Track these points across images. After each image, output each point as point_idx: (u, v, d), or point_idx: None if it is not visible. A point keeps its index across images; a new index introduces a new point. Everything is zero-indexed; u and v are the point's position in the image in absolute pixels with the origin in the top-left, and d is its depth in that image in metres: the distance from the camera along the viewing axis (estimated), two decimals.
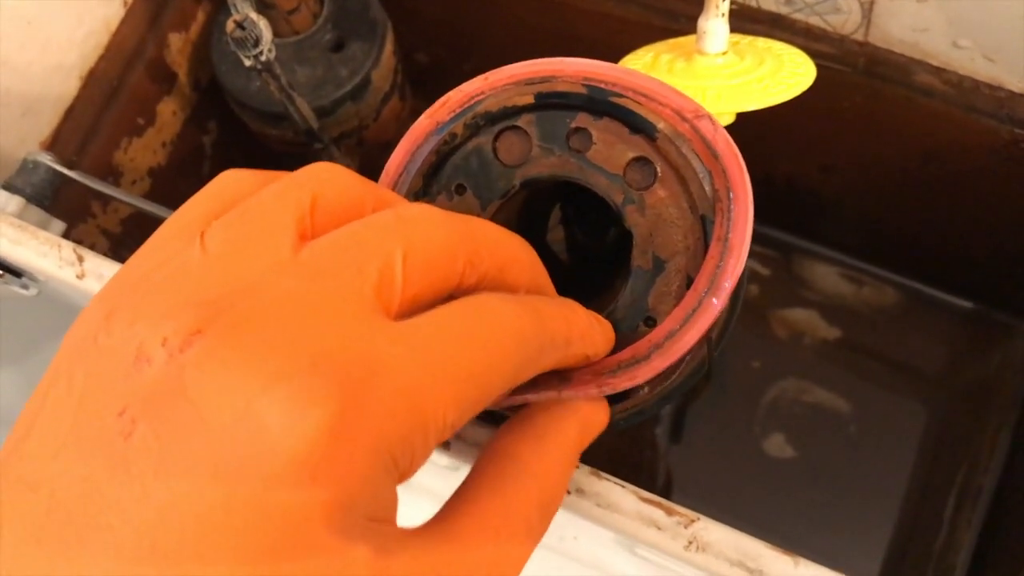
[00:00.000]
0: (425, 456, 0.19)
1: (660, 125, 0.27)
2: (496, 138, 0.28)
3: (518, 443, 0.24)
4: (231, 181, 0.22)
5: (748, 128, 0.38)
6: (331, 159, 0.56)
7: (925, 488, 0.64)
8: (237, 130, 0.61)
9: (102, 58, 0.52)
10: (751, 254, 0.69)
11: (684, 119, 0.27)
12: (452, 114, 0.28)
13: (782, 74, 0.39)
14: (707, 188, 0.26)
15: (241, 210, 0.21)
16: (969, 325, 0.68)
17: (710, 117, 0.27)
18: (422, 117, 0.29)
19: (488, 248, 0.22)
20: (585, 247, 0.40)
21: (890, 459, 0.65)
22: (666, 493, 0.67)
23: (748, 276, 0.70)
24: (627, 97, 0.27)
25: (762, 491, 0.66)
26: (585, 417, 0.25)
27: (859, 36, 0.47)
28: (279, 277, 0.19)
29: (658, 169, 0.27)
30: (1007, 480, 0.62)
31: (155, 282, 0.19)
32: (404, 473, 0.19)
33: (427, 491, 0.34)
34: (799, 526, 0.65)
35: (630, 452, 0.69)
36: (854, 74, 0.49)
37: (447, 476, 0.34)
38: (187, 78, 0.60)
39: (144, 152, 0.57)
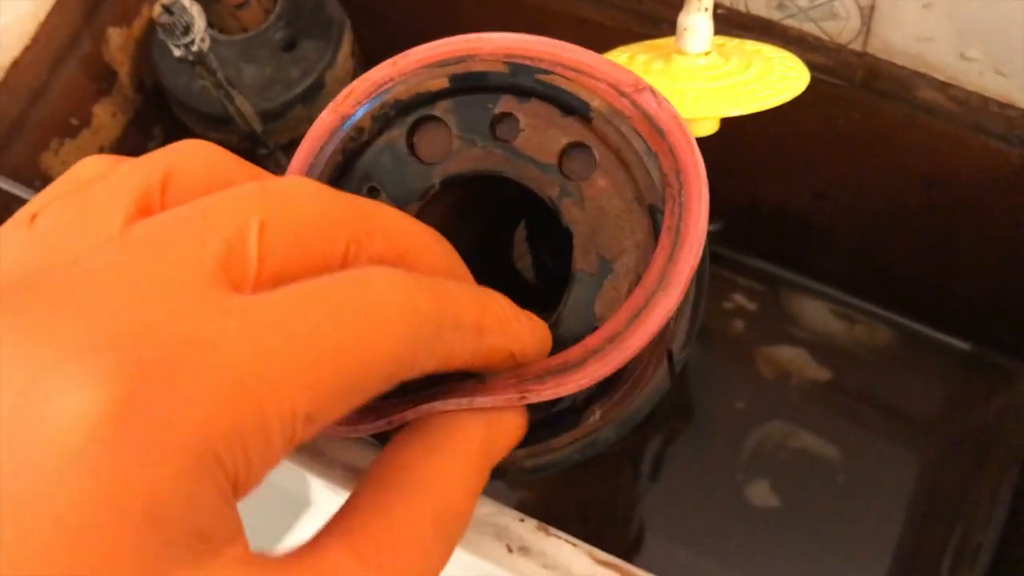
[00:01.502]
0: (268, 457, 0.16)
1: (595, 103, 0.23)
2: (411, 131, 0.25)
3: (409, 452, 0.21)
4: (89, 165, 0.20)
5: (734, 149, 0.35)
6: (277, 166, 0.51)
7: (919, 544, 0.61)
8: (183, 134, 0.56)
9: (28, 49, 0.48)
10: (736, 287, 0.67)
11: (622, 94, 0.24)
12: (358, 106, 0.25)
13: (771, 78, 0.36)
14: (654, 174, 0.23)
15: (82, 190, 0.18)
16: (967, 368, 0.64)
17: (652, 90, 0.23)
18: (324, 112, 0.26)
19: (383, 230, 0.19)
20: (553, 269, 0.37)
21: (881, 512, 0.62)
22: (641, 540, 0.63)
23: (733, 310, 0.67)
24: (555, 74, 0.24)
25: (744, 541, 0.62)
26: (492, 420, 0.22)
27: (857, 45, 0.43)
28: (99, 251, 0.17)
29: (597, 155, 0.24)
30: (1009, 538, 0.58)
31: None
32: (240, 479, 0.16)
33: None
34: None
35: (603, 496, 0.65)
36: (851, 88, 0.46)
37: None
38: (129, 78, 0.55)
39: (78, 155, 0.53)
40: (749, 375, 0.66)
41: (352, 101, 0.25)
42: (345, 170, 0.25)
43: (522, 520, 0.27)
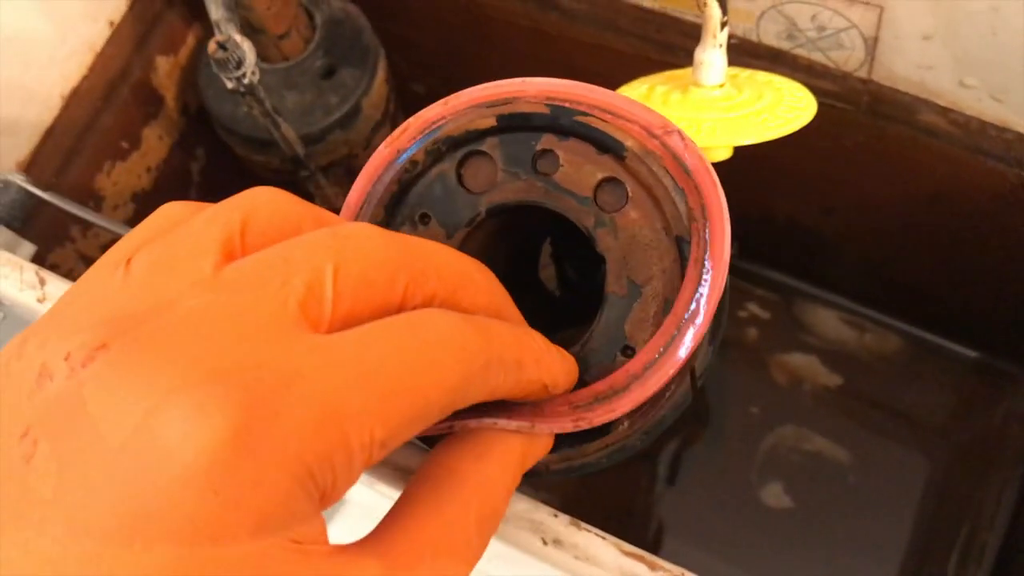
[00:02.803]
0: (350, 476, 0.18)
1: (628, 143, 0.25)
2: (460, 164, 0.27)
3: (458, 458, 0.23)
4: (169, 211, 0.22)
5: (748, 166, 0.37)
6: (317, 187, 0.54)
7: (927, 543, 0.62)
8: (226, 157, 0.59)
9: (85, 79, 0.51)
10: (751, 296, 0.69)
11: (653, 135, 0.26)
12: (413, 141, 0.27)
13: (781, 108, 0.38)
14: (681, 208, 0.25)
15: (169, 235, 0.20)
16: (974, 375, 0.66)
17: (680, 132, 0.26)
18: (381, 146, 0.28)
19: (436, 269, 0.21)
20: (577, 283, 0.39)
21: (890, 512, 0.64)
22: (659, 540, 0.65)
23: (747, 319, 0.69)
24: (592, 116, 0.26)
25: (759, 540, 0.64)
26: (530, 435, 0.24)
27: (863, 73, 0.46)
28: (196, 293, 0.18)
29: (629, 189, 0.26)
30: (1012, 538, 0.60)
31: (74, 307, 0.19)
32: (326, 494, 0.18)
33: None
34: None
35: (622, 498, 0.67)
36: (857, 112, 0.48)
37: None
38: (175, 102, 0.58)
39: (128, 176, 0.56)
40: (763, 381, 0.68)
41: (407, 137, 0.27)
42: (400, 198, 0.27)
43: (556, 516, 0.29)
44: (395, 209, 0.27)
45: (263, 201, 0.21)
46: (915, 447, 0.65)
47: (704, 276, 0.24)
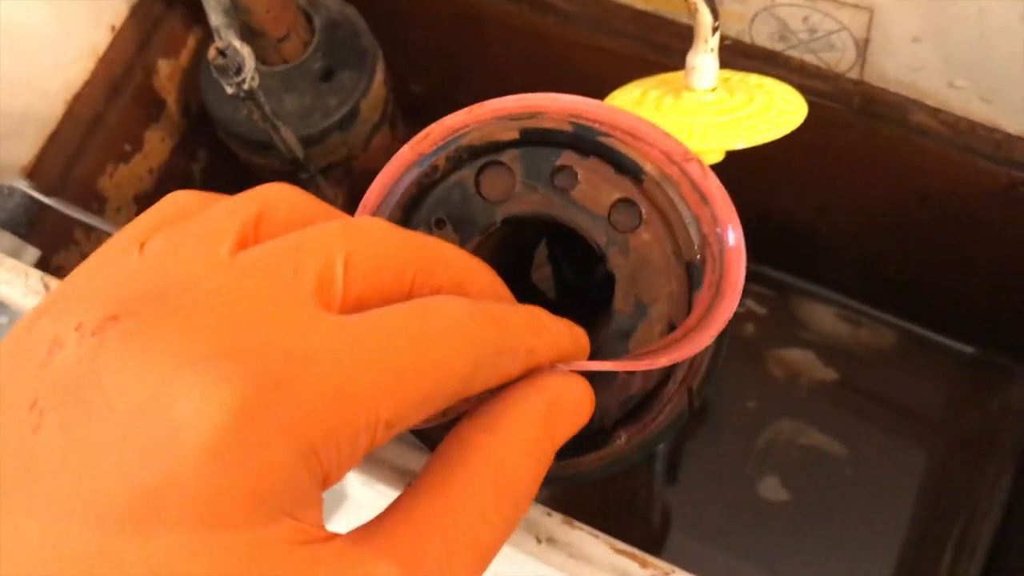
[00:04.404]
0: (353, 456, 0.18)
1: (647, 167, 0.26)
2: (479, 173, 0.28)
3: (471, 429, 0.22)
4: (179, 199, 0.22)
5: (743, 164, 0.37)
6: (317, 189, 0.55)
7: (922, 536, 0.63)
8: (227, 158, 0.60)
9: (87, 83, 0.52)
10: (747, 292, 0.69)
11: (672, 161, 0.26)
12: (435, 147, 0.28)
13: (771, 112, 0.39)
14: (693, 235, 0.26)
15: (186, 221, 0.20)
16: (968, 369, 0.66)
17: (699, 161, 0.26)
18: (403, 148, 0.28)
19: (444, 264, 0.22)
20: (573, 284, 0.39)
21: (886, 505, 0.64)
22: (656, 534, 0.66)
23: (744, 314, 0.70)
24: (614, 137, 0.26)
25: (757, 534, 0.65)
26: (553, 394, 0.23)
27: (854, 74, 0.46)
28: (211, 276, 0.19)
29: (643, 212, 0.26)
30: (1005, 531, 0.60)
31: (87, 286, 0.19)
32: (329, 474, 0.18)
33: None
34: (793, 570, 0.63)
35: (620, 492, 0.68)
36: (849, 113, 0.48)
37: None
38: (176, 105, 0.59)
39: (130, 179, 0.57)
40: (760, 376, 0.68)
41: (429, 142, 0.28)
42: (418, 201, 0.28)
43: (549, 515, 0.29)
44: (412, 211, 0.28)
45: (279, 195, 0.21)
46: (910, 440, 0.66)
47: (717, 299, 0.25)
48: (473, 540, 0.20)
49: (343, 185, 0.58)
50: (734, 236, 0.25)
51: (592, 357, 0.26)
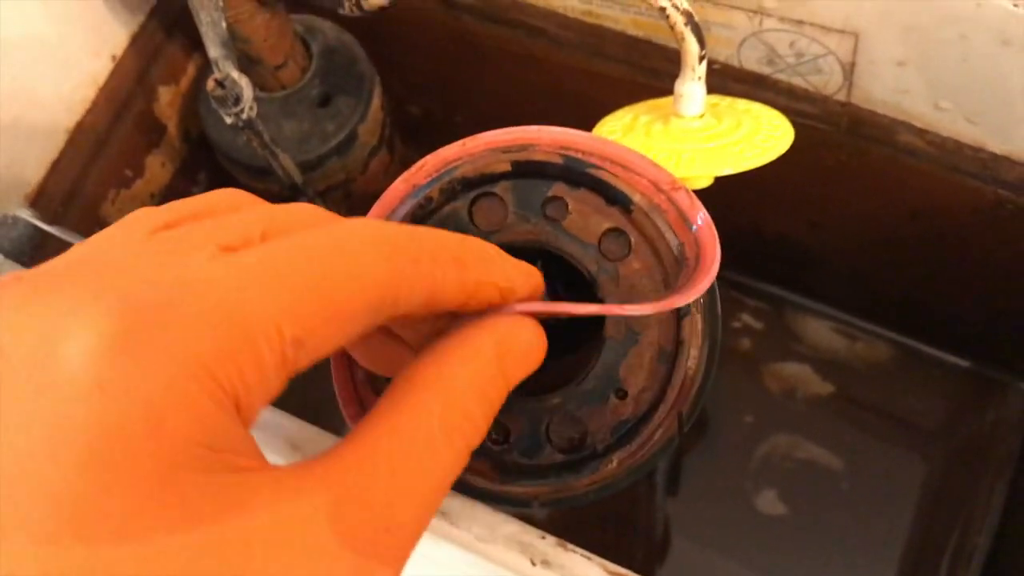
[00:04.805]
0: (263, 378, 0.18)
1: (636, 198, 0.27)
2: (472, 204, 0.28)
3: (420, 364, 0.21)
4: (226, 196, 0.22)
5: (736, 183, 0.38)
6: None
7: (919, 548, 0.63)
8: (227, 181, 0.61)
9: (89, 111, 0.53)
10: (744, 307, 0.70)
11: (660, 190, 0.27)
12: (429, 178, 0.29)
13: (758, 138, 0.39)
14: (681, 264, 0.27)
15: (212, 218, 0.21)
16: (963, 383, 0.67)
17: (687, 190, 0.27)
18: (398, 181, 0.29)
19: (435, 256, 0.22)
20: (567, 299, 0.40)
21: (883, 518, 0.65)
22: (654, 548, 0.66)
23: (741, 329, 0.70)
24: (604, 169, 0.27)
25: (754, 547, 0.65)
26: (502, 332, 0.22)
27: (841, 96, 0.47)
28: (125, 245, 0.19)
29: (632, 241, 0.27)
30: (1001, 542, 0.61)
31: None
32: (240, 397, 0.17)
33: None
34: None
35: (619, 507, 0.68)
36: (838, 133, 0.49)
37: None
38: (177, 130, 0.60)
39: (133, 204, 0.58)
40: (756, 390, 0.69)
41: (423, 174, 0.29)
42: None
43: (543, 537, 0.30)
44: None
45: (228, 195, 0.22)
46: (907, 453, 0.66)
47: (697, 269, 0.25)
48: (421, 473, 0.19)
49: (342, 207, 0.58)
50: (711, 260, 0.25)
51: (585, 387, 0.27)
